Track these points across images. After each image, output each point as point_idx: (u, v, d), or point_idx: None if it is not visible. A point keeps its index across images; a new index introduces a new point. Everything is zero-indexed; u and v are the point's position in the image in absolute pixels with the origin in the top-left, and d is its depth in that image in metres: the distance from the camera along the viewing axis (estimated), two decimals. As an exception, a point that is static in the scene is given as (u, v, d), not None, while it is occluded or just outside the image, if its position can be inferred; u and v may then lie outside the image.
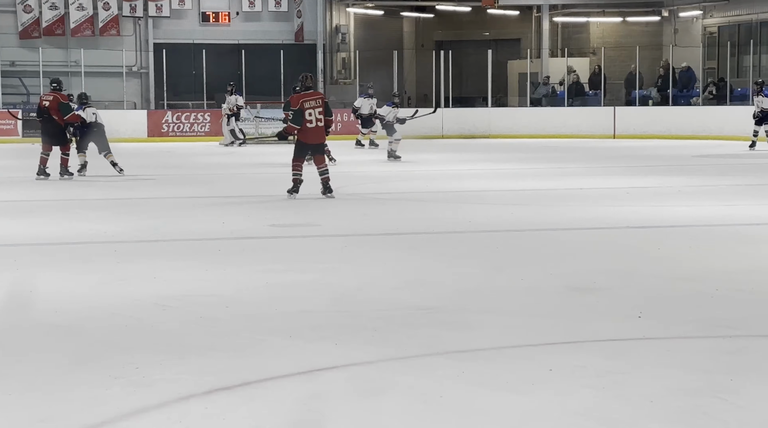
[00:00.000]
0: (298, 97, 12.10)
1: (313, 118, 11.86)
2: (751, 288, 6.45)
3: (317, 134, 12.01)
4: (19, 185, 14.44)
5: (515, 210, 11.00)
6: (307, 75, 12.37)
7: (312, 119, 11.85)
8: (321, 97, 12.12)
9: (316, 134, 12.00)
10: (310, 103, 11.88)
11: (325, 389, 4.28)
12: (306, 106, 11.85)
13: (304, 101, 11.89)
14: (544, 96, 30.72)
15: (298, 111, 11.88)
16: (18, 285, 6.56)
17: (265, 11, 31.35)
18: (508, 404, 4.05)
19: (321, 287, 6.51)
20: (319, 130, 11.97)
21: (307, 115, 11.84)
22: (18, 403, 4.07)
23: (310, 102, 11.89)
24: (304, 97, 11.97)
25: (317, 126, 11.92)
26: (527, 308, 5.88)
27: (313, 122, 11.87)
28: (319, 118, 11.90)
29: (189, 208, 11.42)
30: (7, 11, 29.98)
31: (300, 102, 11.92)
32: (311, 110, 11.85)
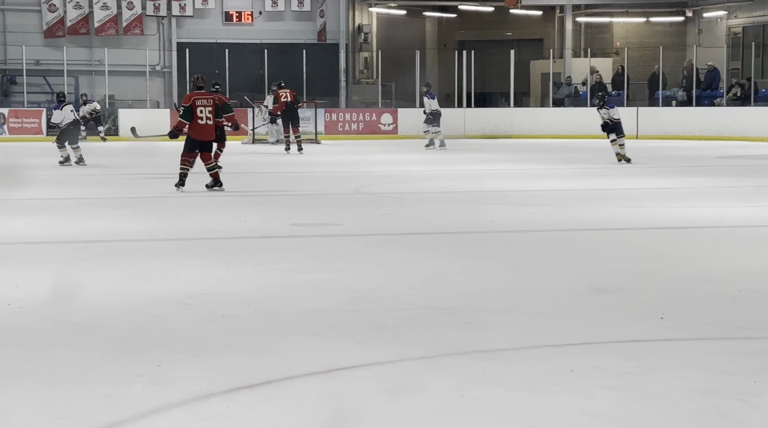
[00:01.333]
0: (189, 96, 12.88)
1: (204, 115, 12.57)
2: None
3: (204, 131, 12.63)
4: (43, 184, 14.52)
5: (536, 210, 10.98)
6: (198, 76, 13.25)
7: (202, 117, 12.57)
8: (214, 97, 12.93)
9: (204, 131, 12.62)
10: (201, 102, 12.61)
11: (345, 388, 4.29)
12: (197, 103, 12.58)
13: (195, 99, 12.63)
14: (567, 96, 30.65)
15: (188, 107, 12.59)
16: (40, 283, 6.60)
17: (287, 11, 31.40)
18: (527, 404, 4.04)
19: (341, 286, 6.52)
20: (207, 127, 12.65)
21: (198, 112, 12.54)
22: (40, 400, 4.09)
23: (201, 100, 12.63)
24: (196, 95, 12.74)
25: (206, 124, 12.61)
26: (547, 309, 5.88)
27: (203, 120, 12.58)
28: (208, 116, 12.59)
29: (211, 207, 11.46)
30: (32, 10, 30.14)
31: (191, 99, 12.67)
32: (202, 108, 12.57)
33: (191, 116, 12.54)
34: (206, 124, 12.60)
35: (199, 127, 12.57)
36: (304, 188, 14.05)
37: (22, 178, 14.25)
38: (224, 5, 31.24)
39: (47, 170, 16.90)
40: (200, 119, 12.55)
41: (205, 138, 12.68)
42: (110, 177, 15.71)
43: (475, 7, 33.73)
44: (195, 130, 12.59)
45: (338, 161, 19.92)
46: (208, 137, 12.75)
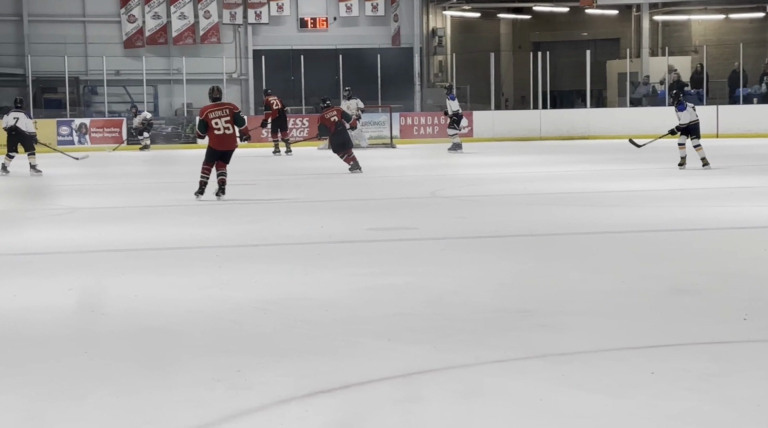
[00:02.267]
0: (204, 109, 13.00)
1: (221, 126, 12.68)
2: None
3: (224, 141, 12.74)
4: (122, 192, 14.77)
5: (614, 211, 10.87)
6: (214, 87, 13.38)
7: (219, 127, 12.68)
8: (230, 108, 12.91)
9: (223, 141, 12.73)
10: (216, 113, 12.73)
11: (423, 392, 4.29)
12: (211, 116, 12.72)
13: (209, 112, 12.78)
14: (644, 96, 30.29)
15: (202, 121, 12.84)
16: (122, 290, 6.71)
17: (362, 16, 31.52)
18: (607, 407, 4.00)
19: (418, 289, 6.53)
20: (226, 137, 12.74)
21: (213, 124, 12.68)
22: (122, 406, 4.16)
23: (215, 112, 12.75)
24: (209, 108, 12.85)
25: (224, 134, 12.70)
26: (627, 311, 5.81)
27: (220, 130, 12.69)
28: (226, 126, 12.69)
29: (288, 212, 11.55)
30: (112, 21, 30.69)
31: (205, 113, 12.86)
32: (217, 120, 12.69)
33: (206, 129, 12.76)
34: (224, 133, 12.70)
35: (217, 137, 12.71)
36: (380, 192, 14.08)
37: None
38: (299, 12, 31.47)
39: (127, 178, 17.18)
40: (217, 130, 12.68)
41: (225, 148, 12.80)
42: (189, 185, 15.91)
43: (550, 8, 33.52)
44: (214, 140, 12.74)
45: (413, 165, 19.93)
46: (229, 146, 12.84)
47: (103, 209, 12.39)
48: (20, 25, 30.17)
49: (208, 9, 30.80)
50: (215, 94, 13.11)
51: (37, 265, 7.96)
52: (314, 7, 31.57)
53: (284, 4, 31.09)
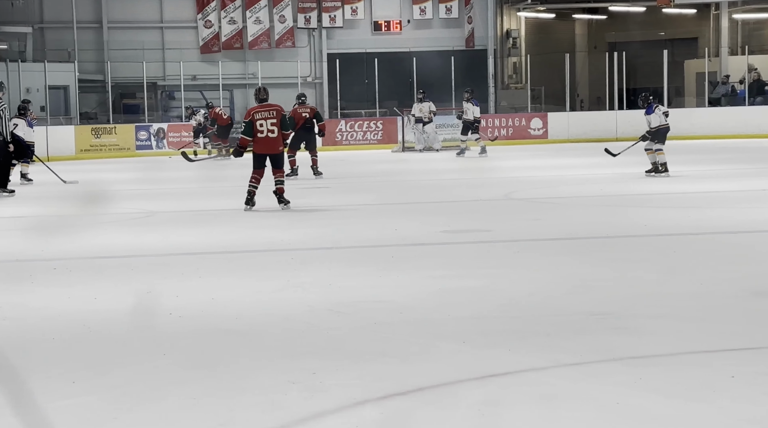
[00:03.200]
0: (250, 110, 12.29)
1: (265, 128, 11.96)
2: None
3: (268, 144, 12.01)
4: (200, 196, 14.94)
5: (692, 213, 10.72)
6: (260, 88, 12.63)
7: (263, 130, 11.95)
8: (277, 110, 12.18)
9: (267, 144, 12.01)
10: (262, 115, 12.02)
11: (498, 395, 4.27)
12: (257, 117, 12.01)
13: (255, 113, 12.08)
14: (723, 96, 29.81)
15: (249, 123, 12.06)
16: (199, 293, 6.79)
17: (435, 18, 31.52)
18: (685, 411, 3.95)
19: (492, 292, 6.50)
20: (270, 140, 12.00)
21: (258, 125, 11.97)
22: (200, 407, 4.21)
23: (261, 113, 12.04)
24: (256, 109, 12.16)
25: (268, 137, 11.97)
26: (705, 313, 5.73)
27: (264, 133, 11.96)
28: (271, 129, 11.96)
29: (362, 215, 11.58)
30: (189, 27, 31.11)
31: (251, 114, 12.13)
32: (262, 121, 11.97)
33: (252, 132, 12.00)
34: (268, 137, 11.97)
35: (260, 140, 11.99)
36: (454, 194, 14.06)
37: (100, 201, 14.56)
38: (373, 15, 31.58)
39: (205, 182, 17.38)
40: (261, 133, 11.96)
41: (269, 151, 12.04)
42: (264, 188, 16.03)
43: (626, 8, 33.17)
44: (259, 144, 12.03)
45: (488, 166, 19.86)
46: (272, 150, 12.05)
47: (179, 212, 12.55)
48: (100, 32, 30.72)
49: (283, 13, 31.05)
50: (262, 94, 12.40)
51: (116, 268, 8.09)
52: (388, 10, 31.65)
53: (358, 8, 31.21)
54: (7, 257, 8.77)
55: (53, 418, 4.13)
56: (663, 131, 16.44)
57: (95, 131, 27.42)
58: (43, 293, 6.90)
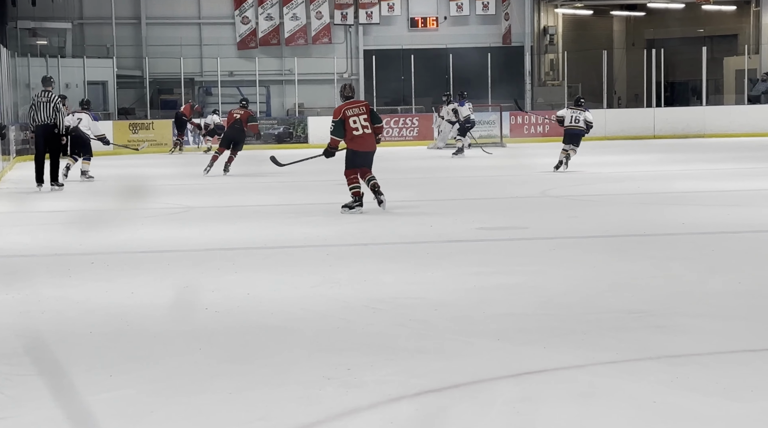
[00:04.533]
0: (339, 108, 11.48)
1: (359, 125, 11.28)
2: None
3: (367, 142, 11.40)
4: (237, 191, 15.00)
5: (731, 211, 10.64)
6: (346, 85, 12.00)
7: (358, 127, 11.27)
8: (365, 104, 11.58)
9: (366, 142, 11.39)
10: (353, 111, 11.33)
11: (534, 392, 4.26)
12: (348, 113, 11.30)
13: (345, 110, 11.34)
14: (764, 93, 29.57)
15: (339, 121, 11.31)
16: (235, 288, 6.82)
17: (472, 15, 31.47)
18: (724, 410, 3.92)
19: (529, 289, 6.48)
20: (367, 137, 11.37)
21: (351, 122, 11.27)
22: (237, 402, 4.23)
23: (352, 109, 11.35)
24: (346, 106, 11.41)
25: (364, 133, 11.33)
26: (744, 312, 5.68)
27: (359, 130, 11.29)
28: (365, 125, 11.30)
29: (397, 211, 11.57)
30: (226, 23, 31.27)
31: (342, 111, 11.35)
32: (355, 118, 11.28)
33: (344, 131, 11.33)
34: (363, 133, 11.31)
35: (357, 138, 11.32)
36: (490, 191, 14.03)
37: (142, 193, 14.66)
38: (410, 12, 31.58)
39: (242, 177, 17.45)
40: (356, 130, 11.28)
41: (367, 148, 11.44)
42: (301, 184, 16.08)
43: (665, 5, 32.96)
44: (355, 142, 11.34)
45: (524, 164, 19.80)
46: (371, 147, 11.49)
47: (217, 208, 12.61)
48: (138, 28, 30.94)
49: (320, 10, 31.11)
50: (347, 91, 11.72)
51: (153, 263, 8.14)
52: (425, 7, 31.63)
53: (395, 4, 31.22)
54: (46, 251, 8.85)
55: (93, 410, 4.16)
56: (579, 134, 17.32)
57: (133, 126, 27.61)
58: (81, 288, 6.95)
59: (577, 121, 17.17)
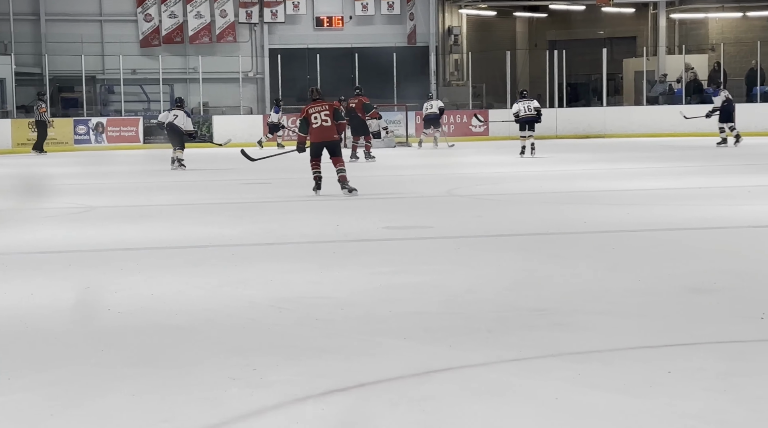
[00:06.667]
0: (305, 108, 13.13)
1: (319, 120, 12.81)
2: None
3: (323, 132, 12.83)
4: (140, 191, 14.81)
5: (631, 210, 10.84)
6: (313, 88, 13.62)
7: (317, 121, 12.81)
8: (329, 104, 13.12)
9: (322, 132, 12.84)
10: (315, 109, 12.89)
11: (439, 391, 4.28)
12: (311, 112, 12.88)
13: (309, 109, 12.95)
14: (661, 94, 30.21)
15: (303, 119, 13.03)
16: (138, 288, 6.73)
17: (377, 15, 31.54)
18: (625, 406, 3.99)
19: (434, 288, 6.52)
20: (324, 128, 12.82)
21: (312, 119, 12.83)
22: (140, 404, 4.17)
23: (315, 108, 12.90)
24: (310, 105, 13.01)
25: (322, 126, 12.81)
26: (644, 310, 5.79)
27: (318, 123, 12.80)
28: (324, 119, 12.80)
29: (303, 211, 11.56)
30: (128, 20, 30.82)
31: (306, 110, 13.01)
32: (316, 115, 12.84)
33: (306, 128, 12.93)
34: (321, 125, 12.81)
35: (316, 130, 12.84)
36: (396, 190, 14.08)
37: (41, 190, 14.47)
38: (315, 11, 31.51)
39: (145, 177, 17.24)
40: (315, 123, 12.81)
41: (324, 139, 12.85)
42: (206, 183, 15.94)
43: (566, 6, 33.46)
44: (314, 133, 12.89)
45: (429, 163, 19.92)
46: (329, 137, 12.87)
47: (119, 207, 12.43)
48: (37, 25, 30.31)
49: (224, 8, 30.87)
50: (314, 95, 13.25)
51: (54, 264, 7.99)
52: (330, 6, 31.61)
53: (300, 3, 31.14)
54: (-59, 253, 8.62)
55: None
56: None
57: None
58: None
59: (529, 109, 20.68)
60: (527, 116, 20.68)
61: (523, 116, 20.71)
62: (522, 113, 20.74)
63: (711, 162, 17.79)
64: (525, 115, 20.71)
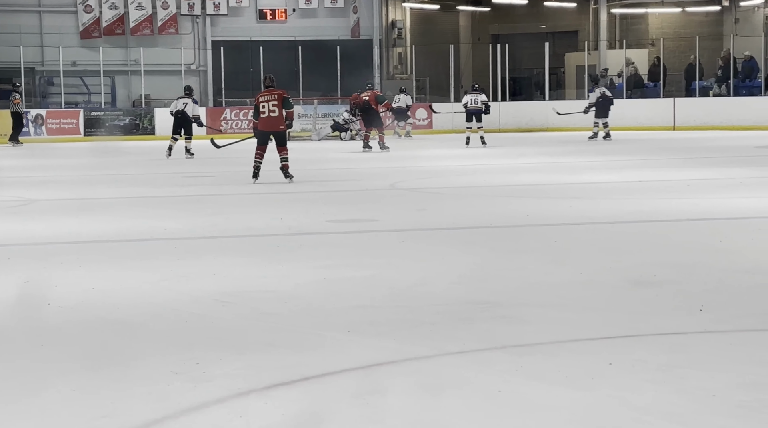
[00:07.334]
0: (257, 95, 13.96)
1: (267, 109, 13.62)
2: (815, 281, 6.35)
3: (269, 122, 13.66)
4: (82, 184, 14.64)
5: (573, 203, 10.93)
6: (266, 76, 14.37)
7: (265, 111, 13.63)
8: (278, 93, 13.72)
9: (268, 122, 13.66)
10: (265, 98, 13.70)
11: (383, 384, 4.29)
12: (261, 100, 13.71)
13: (260, 96, 13.80)
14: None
15: (255, 106, 13.87)
16: (80, 282, 6.65)
17: (321, 8, 31.46)
18: (567, 398, 4.02)
19: (379, 282, 6.52)
20: (271, 119, 13.63)
21: (260, 107, 13.65)
22: (81, 399, 4.12)
23: (265, 97, 13.72)
24: (261, 93, 13.87)
25: (269, 116, 13.62)
26: (586, 302, 5.84)
27: (266, 113, 13.63)
28: (272, 109, 13.59)
29: (247, 204, 11.50)
30: (68, 12, 30.42)
31: (257, 98, 13.86)
32: (264, 103, 13.64)
33: (258, 114, 13.75)
34: (269, 116, 13.58)
35: (263, 120, 13.65)
36: (340, 184, 14.07)
37: None
38: (258, 3, 31.36)
39: (86, 170, 17.04)
40: (263, 113, 13.60)
41: (269, 128, 13.65)
42: (149, 177, 15.80)
43: (509, 1, 33.62)
44: (260, 122, 13.73)
45: (373, 156, 19.93)
46: (273, 128, 13.64)
47: (60, 200, 12.28)
48: (-26, 15, 29.83)
49: (166, 0, 30.59)
50: (267, 82, 14.06)
51: (-7, 258, 7.87)
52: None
53: (243, -5, 30.95)
54: None
55: (-74, 413, 3.99)
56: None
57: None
58: None
59: (476, 102, 22.35)
60: (473, 108, 22.27)
61: (470, 108, 22.32)
62: (470, 105, 22.36)
63: (652, 156, 17.99)
64: (472, 107, 22.31)
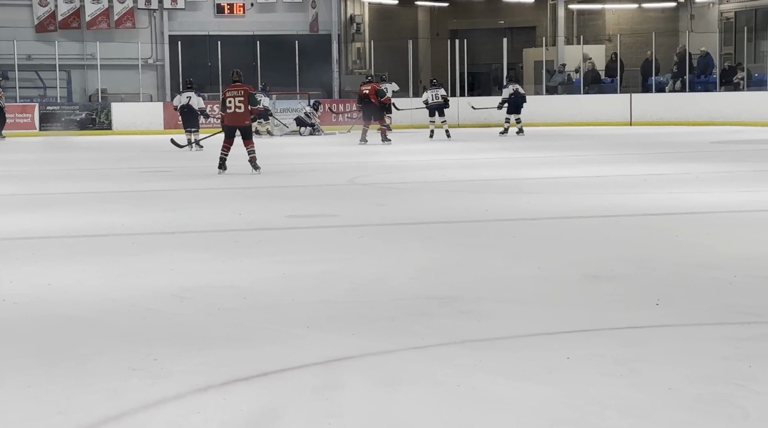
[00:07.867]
0: (224, 89, 14.55)
1: (233, 104, 14.14)
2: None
3: (235, 118, 14.17)
4: (37, 179, 14.50)
5: (531, 199, 10.99)
6: (233, 71, 14.93)
7: (231, 106, 14.15)
8: (245, 89, 14.24)
9: (234, 118, 14.17)
10: (231, 93, 14.23)
11: (342, 379, 4.29)
12: (227, 95, 14.26)
13: (226, 91, 14.37)
14: (560, 84, 30.64)
15: (222, 100, 14.40)
16: (35, 278, 6.59)
17: (279, 2, 31.35)
18: (525, 392, 4.04)
19: (338, 277, 6.52)
20: (237, 115, 14.16)
21: (227, 102, 14.18)
22: (35, 396, 4.09)
23: (231, 92, 14.25)
24: (228, 88, 14.44)
25: (235, 112, 14.15)
26: (544, 297, 5.88)
27: (231, 108, 14.15)
28: (238, 105, 14.12)
29: (206, 200, 11.45)
30: (22, 5, 30.08)
31: (224, 92, 14.44)
32: (231, 98, 14.16)
33: (225, 108, 14.26)
34: (234, 111, 14.09)
35: (228, 115, 14.17)
36: (299, 179, 14.05)
37: None
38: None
39: (42, 165, 16.89)
40: (229, 109, 14.11)
41: (235, 123, 14.13)
42: (105, 172, 15.68)
43: (468, -4, 33.67)
44: (226, 117, 14.25)
45: (332, 151, 19.91)
46: (238, 122, 14.13)
47: (15, 196, 12.16)
48: (-74, 7, 29.42)
49: (123, -7, 30.35)
50: (234, 77, 14.57)
51: (-53, 254, 7.77)
52: (231, -7, 31.29)
53: (201, -11, 30.76)
54: None
55: None
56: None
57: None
58: None
59: (436, 97, 23.08)
60: (435, 103, 23.04)
61: (432, 103, 23.07)
62: (431, 101, 23.08)
63: (609, 151, 18.11)
64: (433, 102, 23.06)
